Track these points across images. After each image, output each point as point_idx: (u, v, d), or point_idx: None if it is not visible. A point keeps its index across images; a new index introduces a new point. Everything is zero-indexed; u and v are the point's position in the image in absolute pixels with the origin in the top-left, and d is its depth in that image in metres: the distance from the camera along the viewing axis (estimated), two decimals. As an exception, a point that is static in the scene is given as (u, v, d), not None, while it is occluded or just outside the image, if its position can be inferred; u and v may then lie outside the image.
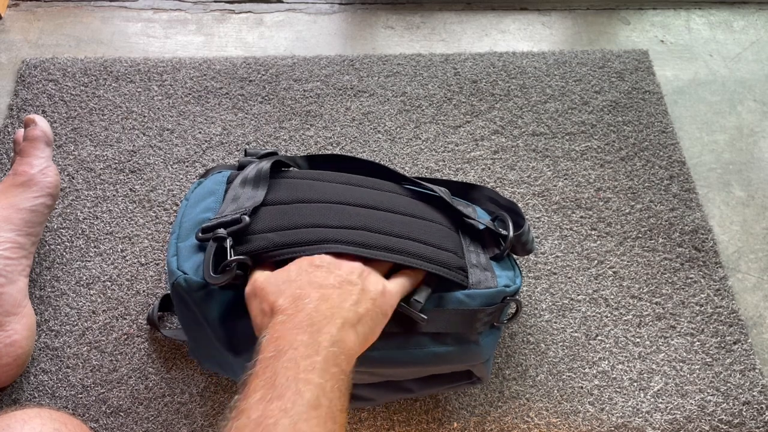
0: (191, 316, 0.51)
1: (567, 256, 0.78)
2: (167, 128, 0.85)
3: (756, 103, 0.95)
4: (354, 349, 0.41)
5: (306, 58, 0.93)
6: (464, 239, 0.57)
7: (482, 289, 0.52)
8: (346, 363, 0.40)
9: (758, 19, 1.06)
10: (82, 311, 0.71)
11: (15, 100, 0.85)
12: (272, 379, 0.36)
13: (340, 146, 0.85)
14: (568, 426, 0.67)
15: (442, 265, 0.51)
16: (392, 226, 0.53)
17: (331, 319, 0.41)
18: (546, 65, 0.95)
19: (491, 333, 0.56)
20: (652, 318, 0.74)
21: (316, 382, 0.37)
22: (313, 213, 0.52)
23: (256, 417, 0.35)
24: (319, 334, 0.39)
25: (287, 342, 0.39)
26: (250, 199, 0.53)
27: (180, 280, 0.48)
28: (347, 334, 0.41)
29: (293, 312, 0.41)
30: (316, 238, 0.49)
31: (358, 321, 0.42)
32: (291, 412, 0.35)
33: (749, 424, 0.68)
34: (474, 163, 0.85)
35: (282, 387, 0.36)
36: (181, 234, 0.53)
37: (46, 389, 0.66)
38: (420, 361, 0.51)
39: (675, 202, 0.83)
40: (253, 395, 0.36)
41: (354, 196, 0.56)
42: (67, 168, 0.80)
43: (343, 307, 0.42)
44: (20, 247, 0.65)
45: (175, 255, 0.51)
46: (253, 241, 0.49)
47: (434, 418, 0.67)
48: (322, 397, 0.36)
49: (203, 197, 0.57)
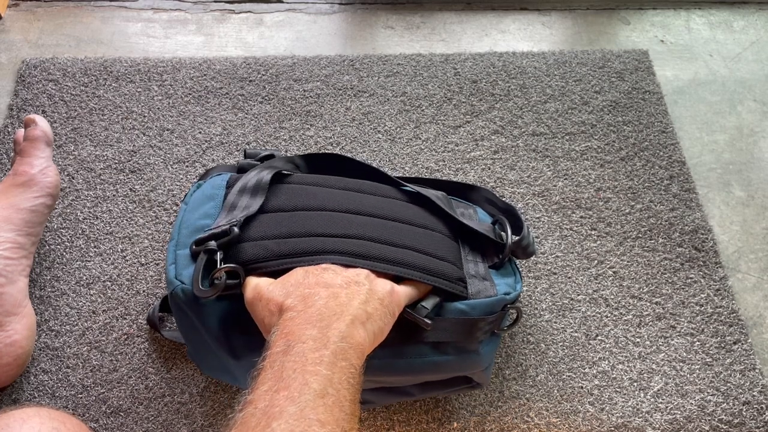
0: (189, 324, 0.51)
1: (567, 256, 0.78)
2: (167, 128, 0.85)
3: (756, 103, 0.95)
4: (363, 345, 0.41)
5: (306, 58, 0.93)
6: (463, 248, 0.57)
7: (482, 298, 0.52)
8: (356, 358, 0.40)
9: (758, 19, 1.06)
10: (82, 311, 0.71)
11: (15, 100, 0.86)
12: (280, 372, 0.37)
13: (340, 146, 0.85)
14: (568, 426, 0.67)
15: (441, 276, 0.51)
16: (391, 235, 0.52)
17: (341, 316, 0.41)
18: (546, 65, 0.95)
19: (491, 341, 0.55)
20: (652, 318, 0.74)
21: (324, 374, 0.37)
22: (312, 221, 0.52)
23: (262, 407, 0.35)
24: (328, 329, 0.40)
25: (296, 337, 0.39)
26: (245, 209, 0.52)
27: (177, 291, 0.48)
28: (356, 330, 0.41)
29: (303, 308, 0.41)
30: (314, 248, 0.49)
31: (366, 319, 0.43)
32: (298, 400, 0.35)
33: (749, 424, 0.68)
34: (474, 163, 0.85)
35: (289, 378, 0.36)
36: (179, 241, 0.53)
37: (46, 389, 0.66)
38: (420, 370, 0.51)
39: (675, 202, 0.83)
40: (261, 387, 0.36)
41: (353, 203, 0.55)
42: (67, 168, 0.80)
43: (351, 305, 0.42)
44: (20, 247, 0.65)
45: (173, 263, 0.51)
46: (249, 249, 0.49)
47: (434, 418, 0.67)
48: (329, 388, 0.36)
49: (202, 202, 0.56)
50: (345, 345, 0.39)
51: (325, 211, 0.54)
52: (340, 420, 0.35)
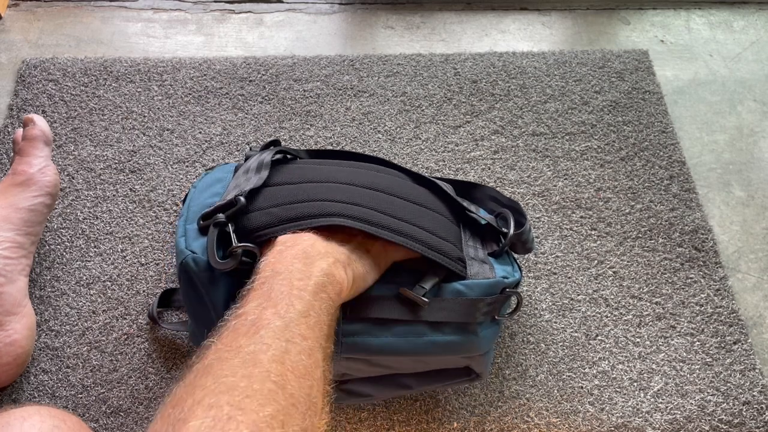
0: (197, 296, 0.51)
1: (567, 256, 0.78)
2: (167, 128, 0.85)
3: (756, 103, 0.95)
4: (342, 284, 0.45)
5: (306, 58, 0.93)
6: (464, 233, 0.58)
7: (480, 279, 0.53)
8: (335, 294, 0.44)
9: (758, 19, 1.06)
10: (82, 311, 0.71)
11: (15, 100, 0.85)
12: (268, 292, 0.41)
13: (340, 146, 0.85)
14: (568, 426, 0.67)
15: (442, 253, 0.51)
16: (397, 209, 0.53)
17: (324, 256, 0.45)
18: (546, 65, 0.95)
19: (491, 326, 0.56)
20: (652, 318, 0.74)
21: (307, 299, 0.41)
22: (319, 189, 0.53)
23: (252, 318, 0.39)
24: (312, 265, 0.44)
25: (283, 266, 0.43)
26: (250, 181, 0.53)
27: (188, 260, 0.48)
28: (337, 270, 0.45)
29: (291, 244, 0.46)
30: (321, 211, 0.49)
31: (348, 263, 0.47)
32: (284, 316, 0.39)
33: (749, 424, 0.68)
34: (474, 163, 0.85)
35: (276, 298, 0.40)
36: (189, 217, 0.53)
37: (46, 389, 0.66)
38: (419, 350, 0.52)
39: (675, 202, 0.83)
40: (251, 303, 0.40)
41: (361, 179, 0.56)
42: (67, 168, 0.80)
43: (337, 249, 0.47)
44: (20, 246, 0.65)
45: (183, 236, 0.51)
46: (257, 218, 0.49)
47: (434, 418, 0.67)
48: (311, 311, 0.41)
49: (211, 184, 0.58)
50: (325, 280, 0.43)
51: (331, 183, 0.54)
52: (319, 337, 0.40)
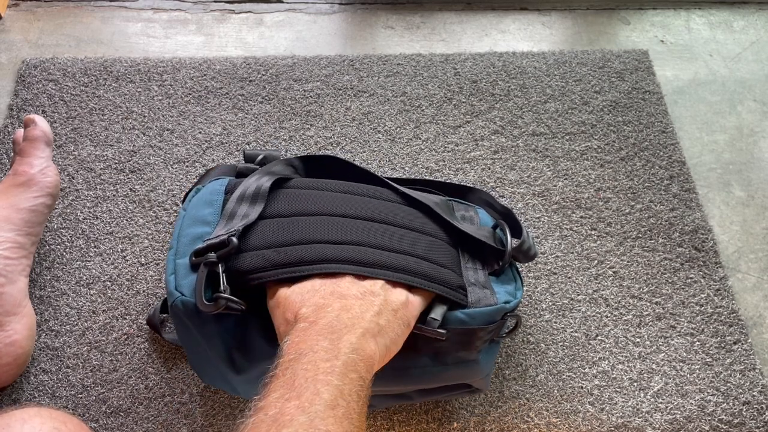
0: (190, 335, 0.50)
1: (567, 256, 0.78)
2: (167, 128, 0.85)
3: (756, 103, 0.95)
4: (373, 358, 0.41)
5: (306, 58, 0.93)
6: (463, 256, 0.56)
7: (482, 307, 0.51)
8: (366, 371, 0.40)
9: (758, 19, 1.06)
10: (82, 311, 0.71)
11: (15, 100, 0.85)
12: (291, 380, 0.37)
13: (340, 146, 0.85)
14: (568, 426, 0.67)
15: (442, 283, 0.50)
16: (392, 240, 0.52)
17: (352, 329, 0.41)
18: (546, 65, 0.95)
19: (490, 348, 0.55)
20: (652, 318, 0.74)
21: (335, 384, 0.37)
22: (312, 227, 0.51)
23: (273, 414, 0.35)
24: (339, 341, 0.40)
25: (308, 346, 0.39)
26: (243, 217, 0.52)
27: (177, 303, 0.48)
28: (367, 343, 0.41)
29: (315, 319, 0.42)
30: (315, 257, 0.48)
31: (378, 332, 0.43)
32: (309, 410, 0.35)
33: (749, 424, 0.68)
34: (474, 163, 0.85)
35: (300, 387, 0.36)
36: (179, 249, 0.52)
37: (46, 389, 0.66)
38: (419, 381, 0.51)
39: (675, 202, 0.83)
40: (272, 394, 0.37)
41: (354, 208, 0.55)
42: (67, 168, 0.80)
43: (364, 318, 0.43)
44: (20, 246, 0.65)
45: (173, 273, 0.50)
46: (250, 260, 0.48)
47: (434, 418, 0.67)
48: (339, 399, 0.37)
49: (201, 208, 0.56)
50: (356, 357, 0.39)
51: (324, 215, 0.53)
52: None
